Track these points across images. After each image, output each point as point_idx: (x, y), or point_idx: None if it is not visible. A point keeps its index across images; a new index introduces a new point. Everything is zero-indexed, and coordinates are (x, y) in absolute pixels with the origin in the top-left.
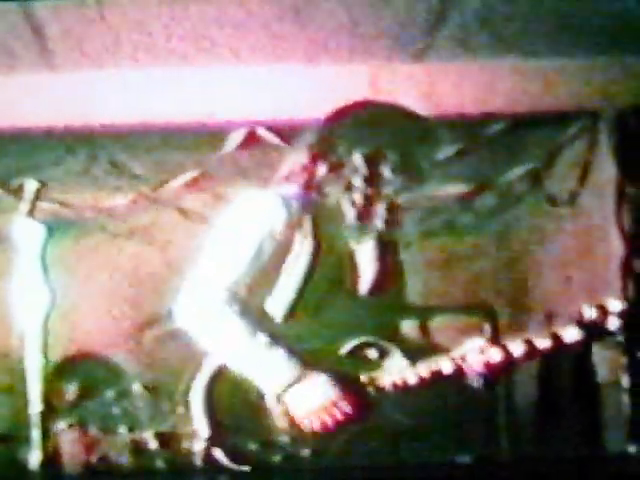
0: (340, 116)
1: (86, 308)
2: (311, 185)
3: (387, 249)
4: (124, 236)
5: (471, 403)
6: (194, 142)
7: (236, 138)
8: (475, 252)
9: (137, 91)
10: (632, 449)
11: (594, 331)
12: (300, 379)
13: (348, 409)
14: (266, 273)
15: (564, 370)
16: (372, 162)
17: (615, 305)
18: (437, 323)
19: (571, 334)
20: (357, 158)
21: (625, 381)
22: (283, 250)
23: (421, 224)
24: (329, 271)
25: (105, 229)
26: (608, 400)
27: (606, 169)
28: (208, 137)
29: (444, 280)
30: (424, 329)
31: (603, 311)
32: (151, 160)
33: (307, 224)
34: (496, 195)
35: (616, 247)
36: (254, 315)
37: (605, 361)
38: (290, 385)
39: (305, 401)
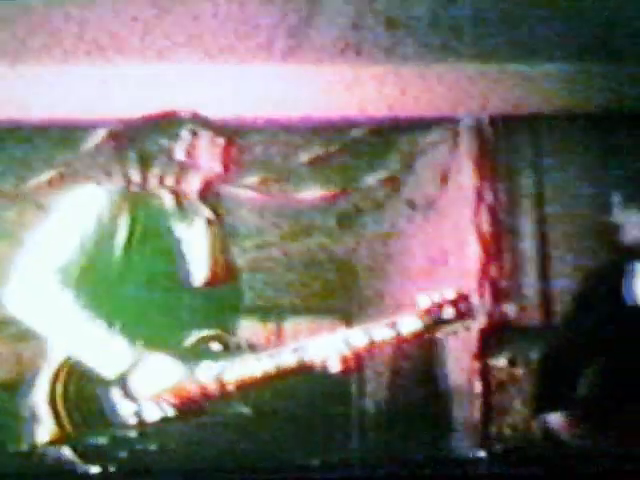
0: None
1: None
2: (129, 177)
3: (217, 243)
4: None
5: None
6: (60, 139)
7: (96, 137)
8: (334, 254)
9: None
10: (481, 454)
11: (430, 320)
12: (140, 361)
13: (195, 391)
14: (94, 260)
15: (416, 375)
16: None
17: (449, 294)
18: (293, 324)
19: (408, 323)
20: (167, 151)
21: (477, 387)
22: (108, 238)
23: (282, 226)
24: (158, 262)
25: None
26: (459, 405)
27: (465, 175)
28: (69, 134)
29: (304, 281)
30: (279, 329)
31: (438, 300)
32: (12, 157)
33: (128, 214)
34: (356, 199)
35: (474, 251)
36: (88, 301)
37: (456, 366)
38: (131, 368)
39: (149, 383)
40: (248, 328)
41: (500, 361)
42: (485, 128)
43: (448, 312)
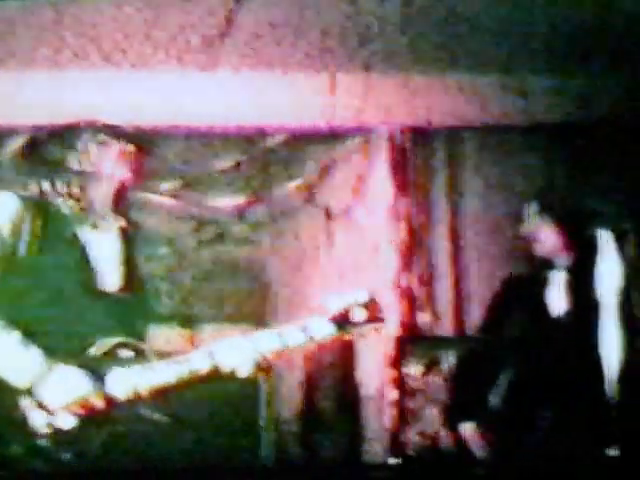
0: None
1: None
2: (40, 186)
3: (128, 250)
4: None
5: (233, 410)
6: None
7: (15, 144)
8: (249, 261)
9: None
10: (392, 461)
11: (340, 323)
12: (51, 372)
13: (101, 404)
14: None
15: (330, 381)
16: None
17: (358, 297)
18: (208, 331)
19: (319, 326)
20: (74, 160)
21: (390, 394)
22: (11, 247)
23: (197, 233)
24: (66, 270)
25: None
26: (372, 412)
27: (379, 185)
28: None
29: (219, 288)
30: (194, 336)
31: (348, 302)
32: None
33: (32, 223)
34: (271, 207)
35: (388, 260)
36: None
37: (371, 374)
38: (41, 378)
39: (57, 394)
40: (163, 336)
41: (414, 369)
42: (400, 139)
43: (358, 315)
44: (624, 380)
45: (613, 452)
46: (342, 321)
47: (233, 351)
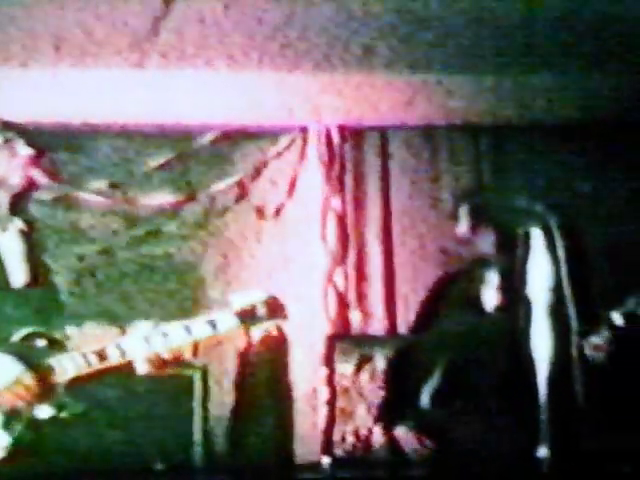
0: None
1: None
2: None
3: (31, 249)
4: None
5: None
6: None
7: None
8: (182, 259)
9: None
10: (325, 460)
11: (245, 318)
12: None
13: (33, 389)
14: None
15: (262, 380)
16: None
17: (260, 294)
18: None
19: (224, 321)
20: None
21: (322, 393)
22: None
23: (129, 231)
24: None
25: None
26: (304, 411)
27: (313, 183)
28: None
29: (151, 286)
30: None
31: (251, 299)
32: None
33: None
34: (203, 205)
35: (320, 259)
36: None
37: (303, 373)
38: None
39: None
40: (93, 333)
41: (345, 368)
42: (334, 137)
43: (260, 311)
44: (555, 379)
45: (543, 452)
46: (246, 316)
47: (141, 343)
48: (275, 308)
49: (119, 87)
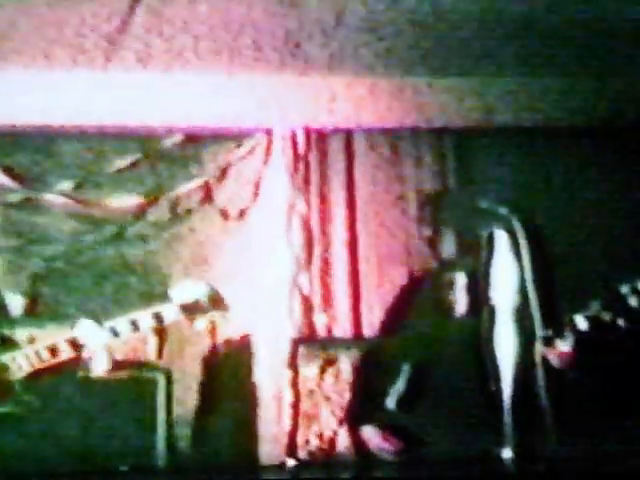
0: None
1: None
2: None
3: None
4: None
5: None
6: None
7: None
8: (146, 261)
9: None
10: (290, 461)
11: (187, 310)
12: None
13: None
14: None
15: (226, 382)
16: None
17: (205, 288)
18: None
19: (169, 313)
20: None
21: (287, 395)
22: None
23: (94, 233)
24: None
25: None
26: (269, 414)
27: (278, 186)
28: None
29: (116, 288)
30: None
31: (193, 292)
32: None
33: None
34: (167, 207)
35: (285, 262)
36: None
37: (268, 375)
38: None
39: None
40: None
41: (310, 371)
42: (298, 139)
43: (203, 303)
44: (518, 382)
45: (507, 453)
46: (189, 309)
47: (91, 335)
48: (216, 300)
49: (84, 88)
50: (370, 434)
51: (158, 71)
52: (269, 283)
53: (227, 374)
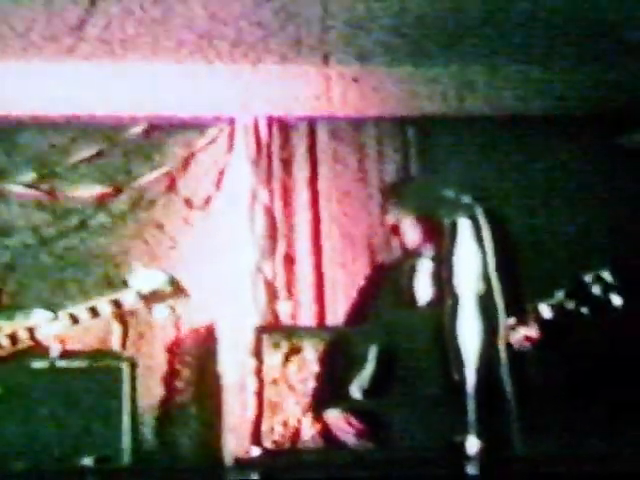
0: None
1: None
2: None
3: None
4: None
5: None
6: None
7: None
8: (109, 251)
9: None
10: (256, 452)
11: (147, 296)
12: None
13: None
14: None
15: (190, 372)
16: None
17: (164, 275)
18: None
19: (127, 299)
20: None
21: (251, 384)
22: None
23: (56, 223)
24: None
25: None
26: (233, 403)
27: (241, 175)
28: None
29: (79, 278)
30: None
31: (154, 280)
32: None
33: None
34: (131, 197)
35: (248, 251)
36: None
37: (231, 364)
38: None
39: None
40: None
41: (274, 359)
42: (261, 128)
43: (163, 290)
44: (482, 371)
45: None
46: (148, 295)
47: (49, 321)
48: (176, 287)
49: (47, 78)
50: (333, 418)
51: (121, 61)
52: (233, 272)
53: (191, 362)
